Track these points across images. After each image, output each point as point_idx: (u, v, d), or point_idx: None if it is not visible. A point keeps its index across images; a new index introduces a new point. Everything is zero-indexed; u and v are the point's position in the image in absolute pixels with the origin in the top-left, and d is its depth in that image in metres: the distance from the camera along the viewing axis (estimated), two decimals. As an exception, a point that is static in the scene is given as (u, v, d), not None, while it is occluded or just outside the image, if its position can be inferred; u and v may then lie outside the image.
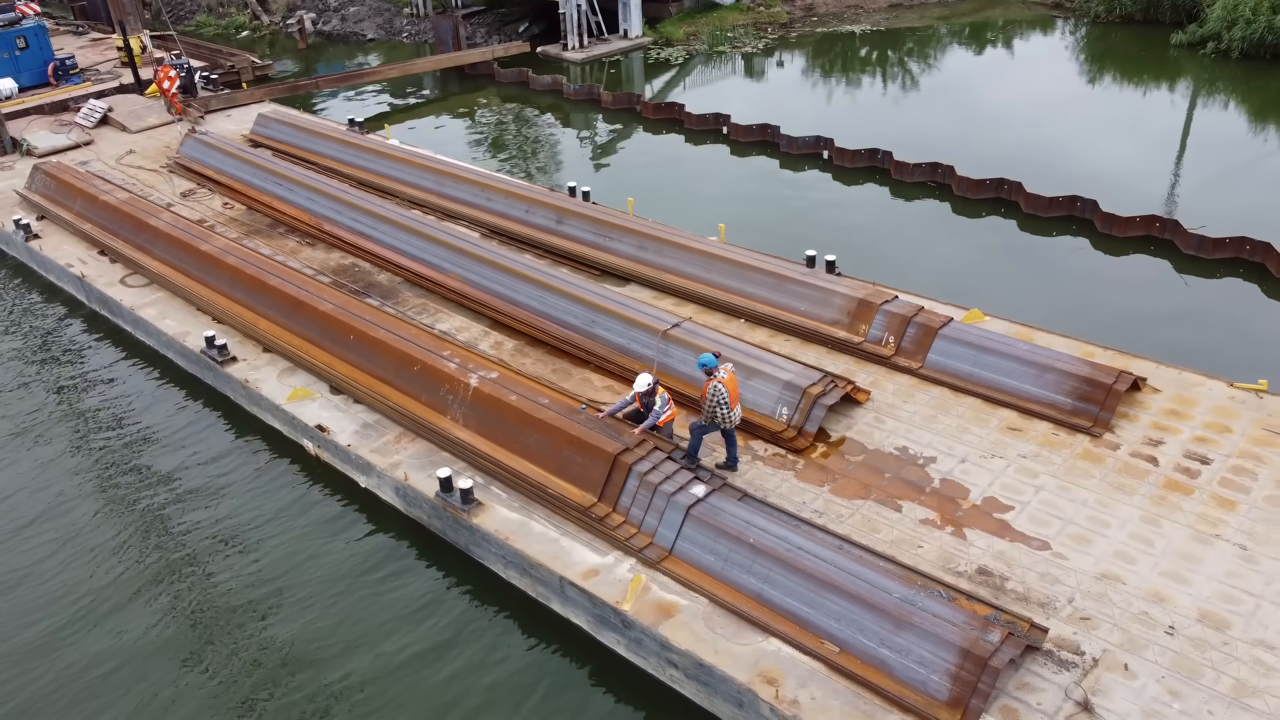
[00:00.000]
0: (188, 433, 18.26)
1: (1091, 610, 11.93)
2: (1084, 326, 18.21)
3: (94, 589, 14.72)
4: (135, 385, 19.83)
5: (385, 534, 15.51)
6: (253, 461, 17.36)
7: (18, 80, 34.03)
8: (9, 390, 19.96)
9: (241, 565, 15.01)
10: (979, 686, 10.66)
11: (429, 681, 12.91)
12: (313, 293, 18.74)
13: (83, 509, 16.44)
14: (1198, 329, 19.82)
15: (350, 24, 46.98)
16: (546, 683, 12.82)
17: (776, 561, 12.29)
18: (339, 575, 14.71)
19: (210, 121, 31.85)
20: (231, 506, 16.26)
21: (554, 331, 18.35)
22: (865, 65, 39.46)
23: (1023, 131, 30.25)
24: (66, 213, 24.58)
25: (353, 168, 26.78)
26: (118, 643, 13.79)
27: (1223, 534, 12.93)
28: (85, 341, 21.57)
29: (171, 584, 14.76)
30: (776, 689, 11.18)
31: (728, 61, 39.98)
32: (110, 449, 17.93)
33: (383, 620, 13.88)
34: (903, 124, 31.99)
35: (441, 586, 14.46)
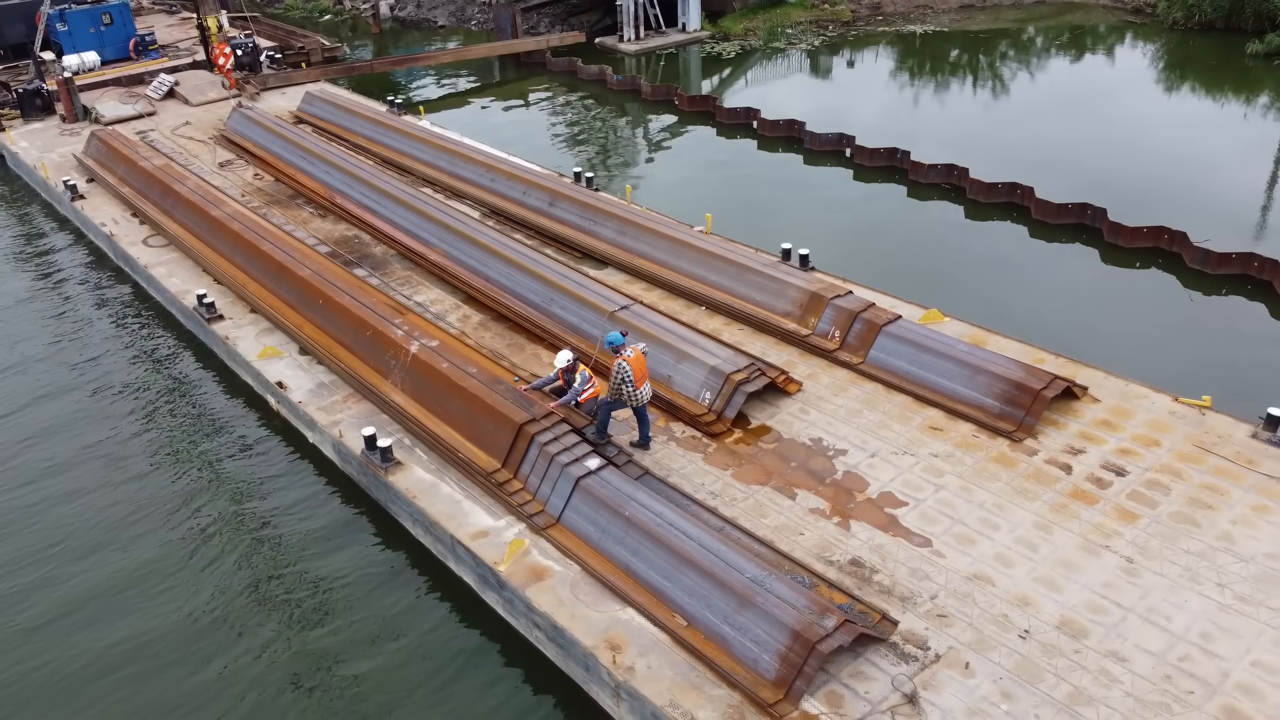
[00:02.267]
0: (171, 378, 19.61)
1: (951, 608, 11.85)
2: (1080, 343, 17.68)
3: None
4: (137, 335, 21.27)
5: (320, 487, 16.37)
6: (221, 410, 18.51)
7: (101, 54, 36.42)
8: (32, 325, 21.74)
9: (178, 497, 16.11)
10: (804, 669, 10.76)
11: (312, 618, 13.70)
12: (297, 259, 19.74)
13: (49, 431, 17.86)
14: (1183, 343, 19.15)
15: (424, 10, 48.53)
16: (427, 632, 13.42)
17: (646, 535, 12.57)
18: (266, 518, 15.64)
19: (266, 98, 33.52)
20: (186, 445, 17.47)
21: (515, 307, 18.92)
22: (931, 67, 38.67)
23: (1101, 149, 28.78)
24: (111, 176, 26.35)
25: (381, 146, 27.91)
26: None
27: (1113, 545, 12.63)
28: (108, 294, 23.15)
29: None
30: (615, 655, 11.49)
31: (791, 58, 39.77)
32: (99, 386, 19.35)
33: (293, 558, 14.74)
34: (968, 132, 31.11)
35: (358, 538, 15.21)
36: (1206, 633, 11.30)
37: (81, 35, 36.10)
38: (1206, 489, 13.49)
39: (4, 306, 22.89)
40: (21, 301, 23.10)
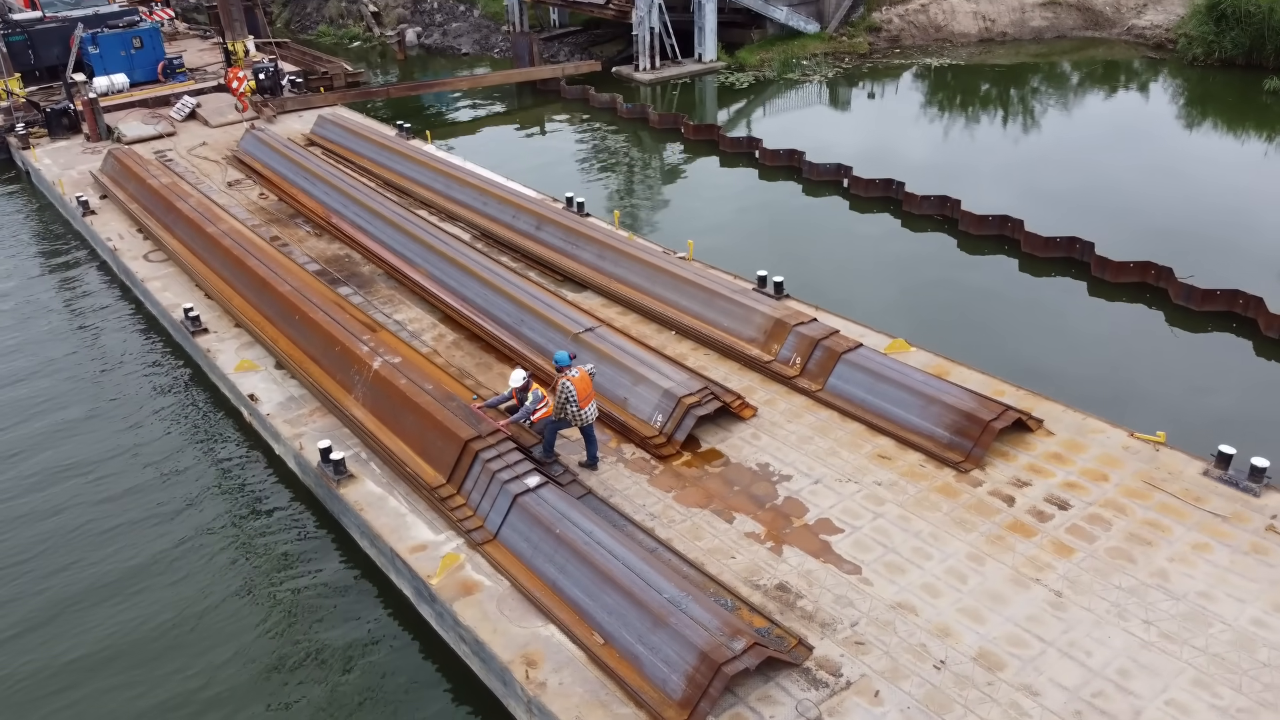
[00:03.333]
0: (156, 389, 20.14)
1: (870, 636, 11.79)
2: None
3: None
4: (130, 346, 21.89)
5: (284, 499, 16.71)
6: (199, 421, 18.97)
7: (130, 76, 37.62)
8: (31, 332, 22.51)
9: (142, 506, 16.52)
10: (709, 690, 10.77)
11: (255, 617, 13.98)
12: (280, 275, 20.22)
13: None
14: (1161, 379, 18.90)
15: (450, 38, 49.53)
16: (362, 642, 13.63)
17: (573, 554, 12.68)
18: (225, 525, 16.01)
19: (283, 121, 34.40)
20: (160, 451, 17.96)
21: (487, 327, 19.20)
22: (946, 100, 38.62)
23: (1116, 185, 28.44)
24: (122, 193, 27.20)
25: (383, 168, 28.52)
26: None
27: (1044, 579, 12.50)
28: (109, 306, 23.86)
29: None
30: (529, 670, 11.58)
31: (810, 89, 39.92)
32: (87, 394, 19.94)
33: (246, 565, 15.06)
34: (974, 169, 31.12)
35: (310, 548, 15.52)
36: (1125, 669, 11.14)
37: (112, 58, 37.33)
38: (1148, 525, 13.31)
39: (5, 312, 23.69)
40: (26, 312, 23.86)
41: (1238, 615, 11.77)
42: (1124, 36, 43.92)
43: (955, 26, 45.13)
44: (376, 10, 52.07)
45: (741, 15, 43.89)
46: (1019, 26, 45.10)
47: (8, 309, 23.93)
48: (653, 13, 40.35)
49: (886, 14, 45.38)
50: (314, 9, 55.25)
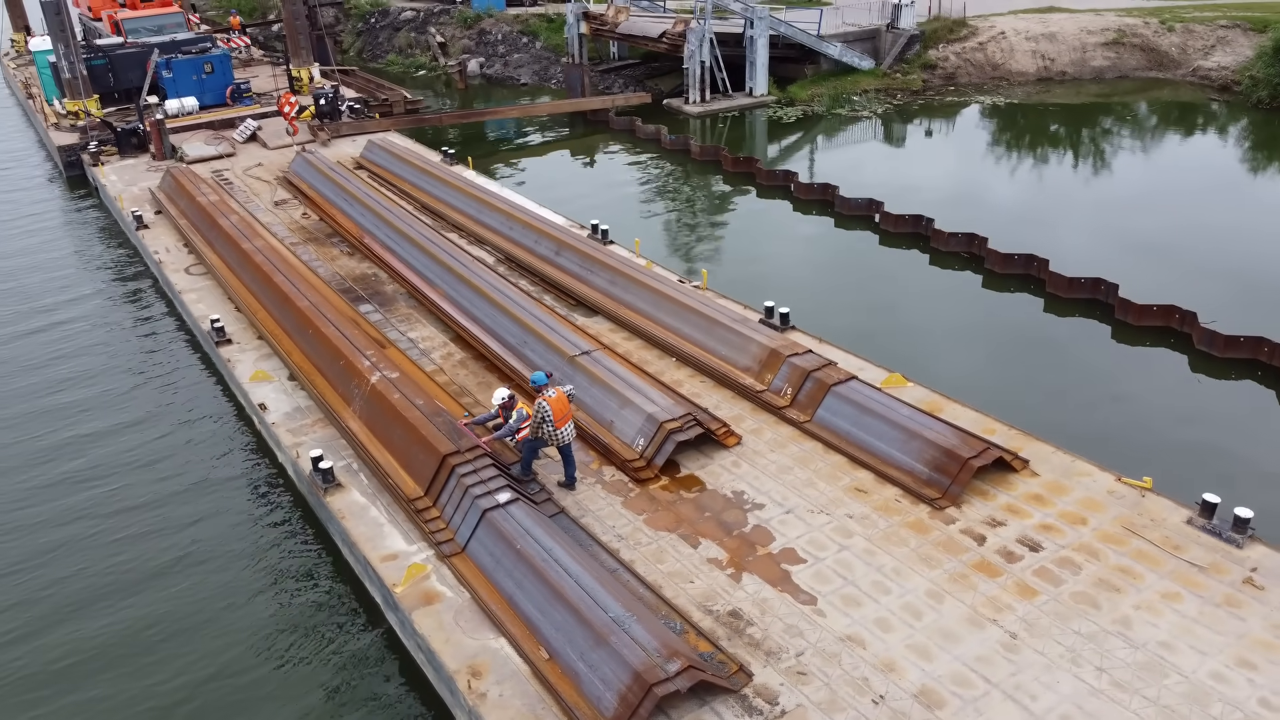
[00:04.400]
0: (180, 393, 21.18)
1: (813, 667, 11.73)
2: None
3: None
4: (166, 353, 23.01)
5: (282, 505, 17.32)
6: (214, 427, 19.79)
7: (200, 99, 39.47)
8: (78, 333, 23.77)
9: (148, 503, 17.26)
10: (639, 710, 10.85)
11: (235, 614, 14.51)
12: (301, 290, 20.98)
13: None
14: (1172, 425, 18.42)
15: (511, 69, 50.76)
16: (331, 645, 14.02)
17: (530, 569, 12.89)
18: (222, 527, 16.66)
19: (336, 145, 35.67)
20: (175, 454, 18.80)
21: (493, 347, 19.63)
22: (1014, 139, 38.11)
23: (1168, 228, 27.74)
24: (174, 209, 28.51)
25: (422, 192, 29.39)
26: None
27: (1001, 620, 12.29)
28: (151, 316, 25.07)
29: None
30: (472, 681, 11.79)
31: (864, 125, 39.84)
32: (116, 395, 21.04)
33: (237, 572, 15.62)
34: (1013, 209, 30.81)
35: (298, 553, 16.05)
36: (1068, 715, 10.88)
37: (185, 82, 39.22)
38: (1120, 571, 12.99)
39: (59, 322, 25.00)
40: (77, 323, 25.16)
41: (1197, 668, 11.40)
42: (1188, 78, 42.94)
43: (1013, 65, 44.67)
44: (443, 41, 53.65)
45: (795, 51, 44.10)
46: (1079, 66, 44.44)
47: (60, 319, 25.21)
48: (703, 47, 40.85)
49: (943, 51, 45.15)
50: (385, 39, 57.18)
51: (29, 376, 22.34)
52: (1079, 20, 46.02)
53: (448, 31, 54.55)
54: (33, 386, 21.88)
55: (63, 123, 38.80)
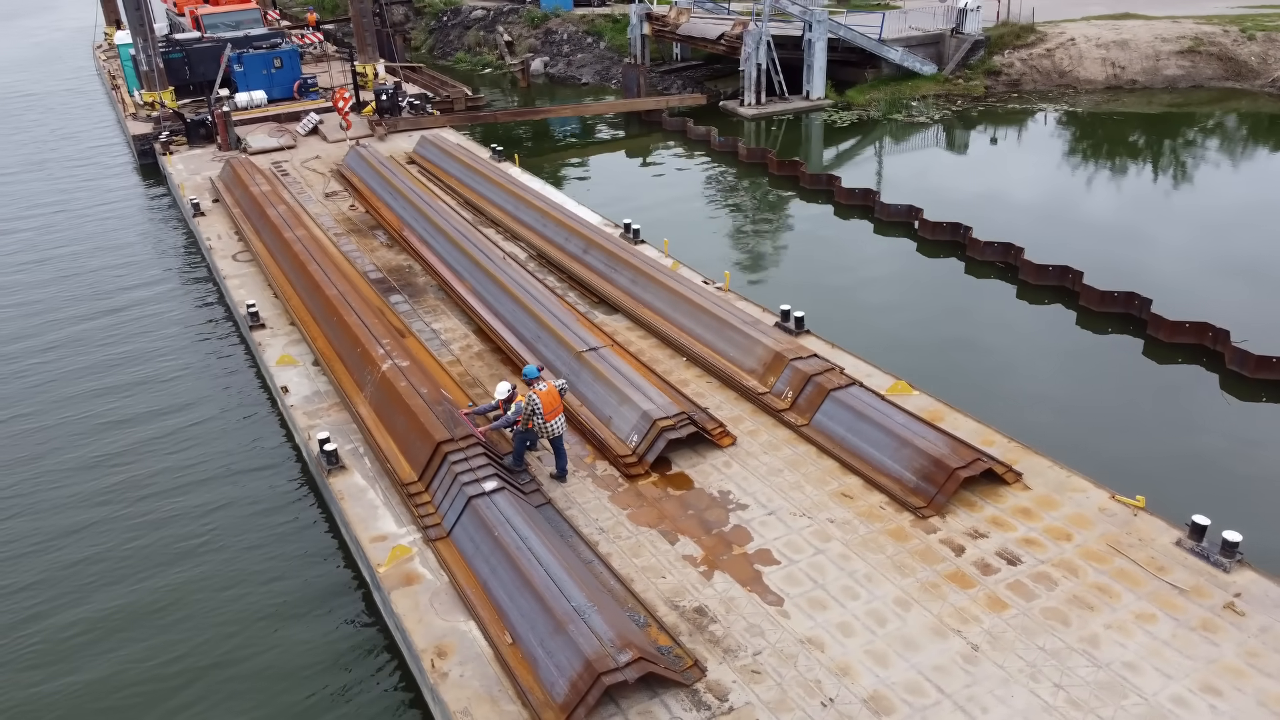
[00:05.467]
0: (215, 374, 22.14)
1: (768, 667, 11.82)
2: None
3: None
4: (208, 336, 24.02)
5: (295, 484, 18.00)
6: (241, 407, 20.70)
7: (269, 93, 40.87)
8: (138, 315, 25.08)
9: (173, 476, 18.17)
10: (586, 697, 11.09)
11: (236, 586, 15.21)
12: (331, 279, 21.71)
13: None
14: (1188, 445, 17.94)
15: (574, 68, 51.38)
16: (325, 618, 14.62)
17: (504, 557, 13.23)
18: (244, 504, 17.52)
19: (393, 139, 36.64)
20: (200, 426, 19.75)
21: (509, 340, 20.06)
22: (1084, 149, 37.17)
23: (1228, 249, 26.62)
24: (229, 198, 29.68)
25: (466, 188, 30.06)
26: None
27: (966, 631, 12.20)
28: (200, 299, 26.19)
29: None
30: (436, 661, 12.18)
31: (921, 129, 39.38)
32: (154, 374, 22.06)
33: (240, 541, 16.37)
34: (1077, 215, 30.17)
35: (304, 530, 16.74)
36: (1016, 730, 10.79)
37: (255, 76, 40.67)
38: (1096, 589, 12.77)
39: (118, 308, 26.31)
40: (131, 302, 26.43)
41: (1159, 690, 11.18)
42: (1267, 89, 41.37)
43: (1081, 72, 43.59)
44: (510, 40, 54.54)
45: (856, 55, 43.73)
46: (1151, 74, 43.16)
47: (119, 305, 26.48)
48: (760, 50, 40.80)
49: (1008, 58, 44.30)
50: (455, 37, 58.36)
51: (86, 357, 23.53)
52: (1154, 27, 44.70)
53: (515, 30, 55.44)
54: (87, 367, 23.05)
55: (139, 113, 40.59)
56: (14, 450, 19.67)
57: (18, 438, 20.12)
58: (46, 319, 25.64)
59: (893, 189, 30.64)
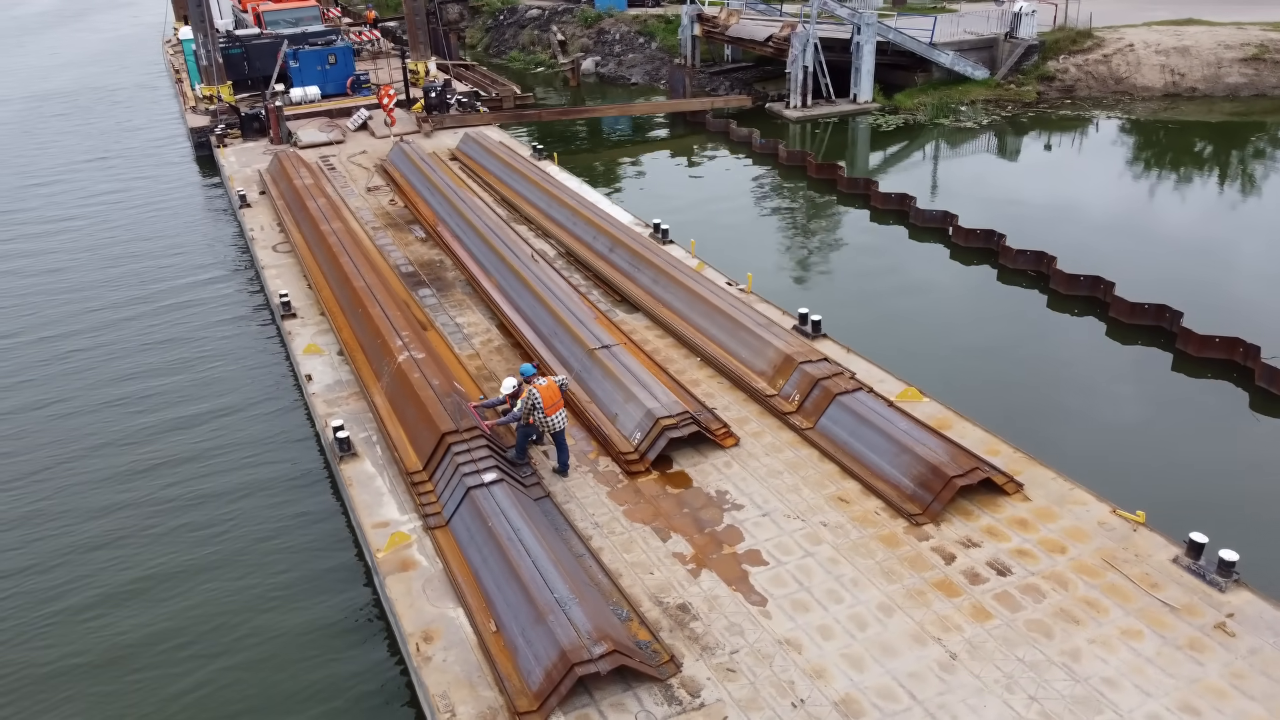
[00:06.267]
0: (247, 360, 22.92)
1: (744, 666, 11.92)
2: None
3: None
4: (243, 322, 24.84)
5: (311, 465, 18.58)
6: (267, 393, 21.34)
7: (323, 89, 41.87)
8: (168, 306, 25.84)
9: (198, 458, 18.86)
10: (560, 687, 11.32)
11: (237, 571, 15.77)
12: (360, 271, 22.26)
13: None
14: (1207, 462, 17.57)
15: (624, 68, 51.68)
16: (330, 601, 15.10)
17: (495, 547, 13.52)
18: (264, 486, 18.24)
19: (438, 136, 37.29)
20: (226, 405, 20.60)
21: (527, 335, 20.40)
22: (1147, 158, 36.35)
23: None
24: (275, 190, 30.53)
25: (503, 184, 30.52)
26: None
27: (946, 639, 12.16)
28: (240, 288, 27.02)
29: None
30: (421, 645, 12.51)
31: (967, 135, 38.89)
32: (192, 357, 22.93)
33: (257, 522, 16.97)
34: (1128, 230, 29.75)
35: (315, 514, 17.27)
36: (984, 740, 10.75)
37: (309, 72, 41.70)
38: (1085, 603, 12.63)
39: (164, 293, 27.28)
40: (177, 289, 27.38)
41: (1135, 708, 11.04)
42: (1335, 98, 40.03)
43: (1138, 79, 42.62)
44: (563, 39, 55.03)
45: (906, 58, 43.32)
46: (1212, 82, 42.02)
47: (165, 290, 27.47)
48: (806, 52, 40.66)
49: (1063, 63, 43.49)
50: (510, 36, 59.07)
51: (129, 342, 24.46)
52: (1217, 34, 43.51)
53: (569, 30, 55.92)
54: (129, 350, 23.96)
55: (199, 106, 41.87)
56: (58, 427, 20.58)
57: (64, 417, 21.04)
58: (95, 304, 26.66)
59: (936, 194, 30.30)
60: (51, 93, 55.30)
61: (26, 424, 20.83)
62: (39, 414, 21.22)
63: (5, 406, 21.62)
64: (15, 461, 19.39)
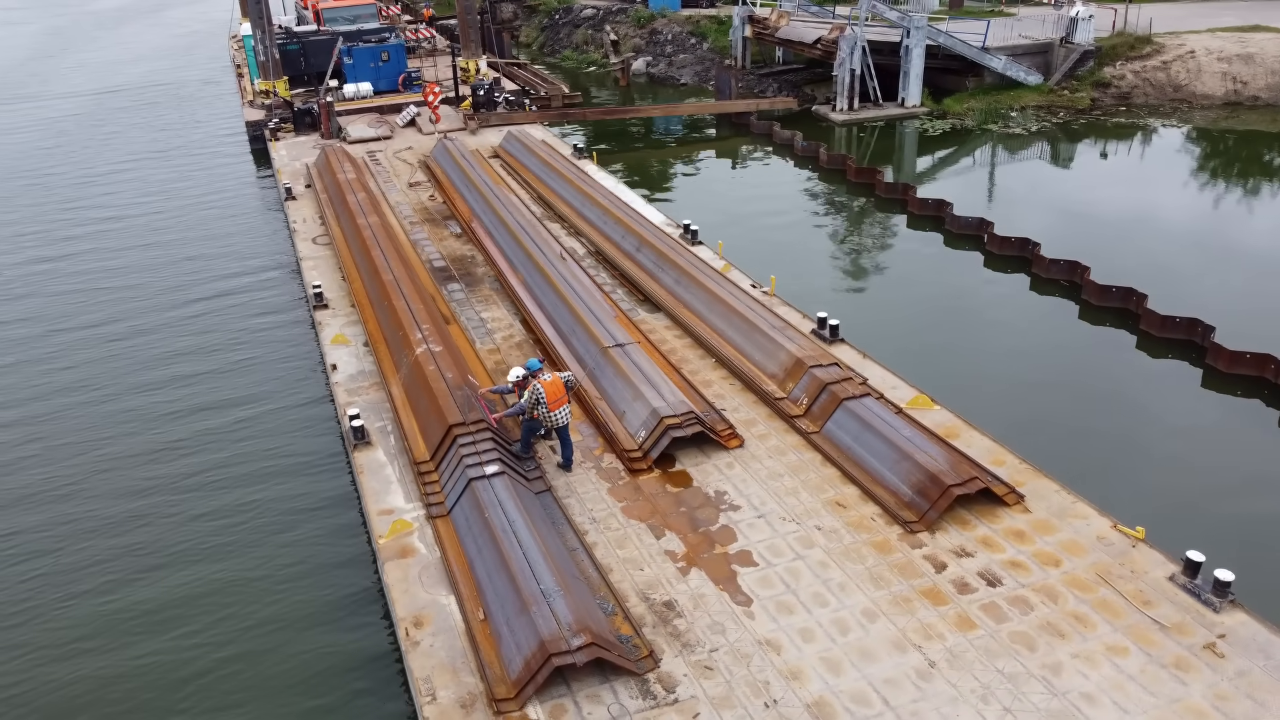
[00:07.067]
0: (279, 349, 23.56)
1: (721, 664, 12.05)
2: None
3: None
4: (279, 312, 25.52)
5: (333, 453, 19.11)
6: (300, 379, 22.00)
7: (375, 85, 42.77)
8: (225, 291, 26.72)
9: (225, 443, 19.52)
10: (537, 676, 11.57)
11: (247, 553, 16.36)
12: (390, 265, 22.78)
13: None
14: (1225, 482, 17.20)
15: (674, 69, 51.84)
16: (336, 586, 15.60)
17: (489, 538, 13.81)
18: (283, 474, 18.74)
19: (483, 134, 37.86)
20: (255, 392, 21.39)
21: (546, 332, 20.70)
22: (1214, 168, 35.55)
23: None
24: (319, 184, 31.30)
25: (540, 182, 30.90)
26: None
27: (926, 647, 12.15)
28: (285, 278, 27.83)
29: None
30: (410, 630, 12.86)
31: (1017, 141, 38.33)
32: (223, 343, 23.71)
33: (277, 506, 17.57)
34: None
35: (330, 500, 17.76)
36: (953, 749, 10.74)
37: (362, 69, 42.62)
38: (1073, 617, 12.50)
39: (211, 282, 28.19)
40: (223, 277, 28.28)
41: (1111, 724, 10.94)
42: (1405, 110, 38.60)
43: (1198, 87, 41.57)
44: (616, 39, 55.36)
45: (958, 62, 42.81)
46: (1276, 91, 40.85)
47: (206, 279, 28.39)
48: (854, 55, 40.41)
49: (1120, 69, 42.61)
50: (565, 35, 59.58)
51: (171, 329, 25.38)
52: (1284, 41, 42.23)
53: (622, 30, 56.24)
54: (170, 338, 24.87)
55: (256, 101, 43.04)
56: (94, 412, 21.45)
57: (99, 404, 21.91)
58: (142, 294, 27.63)
59: (978, 201, 29.93)
60: (120, 87, 57.17)
61: (65, 409, 21.71)
62: (79, 399, 22.12)
63: (53, 388, 22.58)
64: (52, 445, 20.25)
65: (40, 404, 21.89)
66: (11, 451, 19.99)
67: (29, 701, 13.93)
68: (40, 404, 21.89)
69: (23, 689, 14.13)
